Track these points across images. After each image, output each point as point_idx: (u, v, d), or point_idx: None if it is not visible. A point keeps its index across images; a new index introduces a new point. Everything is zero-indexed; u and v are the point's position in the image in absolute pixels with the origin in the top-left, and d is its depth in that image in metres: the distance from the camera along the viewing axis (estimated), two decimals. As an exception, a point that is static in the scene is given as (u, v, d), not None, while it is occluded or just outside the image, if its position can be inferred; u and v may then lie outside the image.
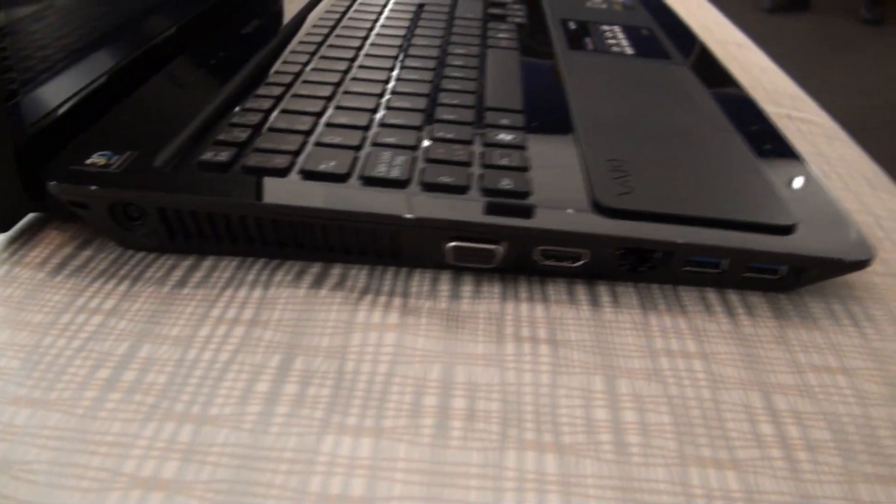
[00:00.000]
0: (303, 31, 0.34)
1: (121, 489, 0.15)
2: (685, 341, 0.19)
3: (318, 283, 0.21)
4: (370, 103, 0.26)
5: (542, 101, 0.28)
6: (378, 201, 0.20)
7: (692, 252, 0.20)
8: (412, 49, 0.32)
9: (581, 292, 0.21)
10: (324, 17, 0.36)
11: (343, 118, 0.25)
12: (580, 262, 0.21)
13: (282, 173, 0.21)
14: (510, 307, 0.20)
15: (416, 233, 0.20)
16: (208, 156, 0.22)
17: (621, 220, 0.21)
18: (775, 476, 0.16)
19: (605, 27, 0.39)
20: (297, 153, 0.23)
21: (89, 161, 0.21)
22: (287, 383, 0.17)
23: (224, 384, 0.17)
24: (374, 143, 0.24)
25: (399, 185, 0.21)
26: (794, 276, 0.21)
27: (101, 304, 0.20)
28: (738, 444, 0.16)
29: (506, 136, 0.25)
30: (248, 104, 0.25)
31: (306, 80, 0.28)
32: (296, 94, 0.27)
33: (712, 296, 0.21)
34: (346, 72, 0.29)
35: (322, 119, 0.25)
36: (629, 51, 0.35)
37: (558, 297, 0.20)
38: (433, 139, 0.24)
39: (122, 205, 0.21)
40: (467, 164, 0.23)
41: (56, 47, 0.23)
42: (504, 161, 0.23)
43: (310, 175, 0.21)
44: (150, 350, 0.18)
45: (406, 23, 0.36)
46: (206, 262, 0.22)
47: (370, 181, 0.21)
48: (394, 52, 0.32)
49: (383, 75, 0.29)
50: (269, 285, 0.21)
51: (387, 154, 0.23)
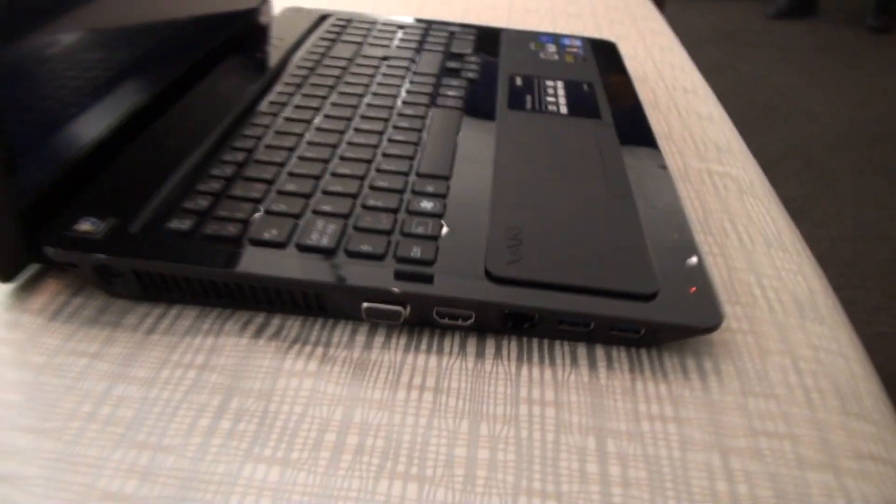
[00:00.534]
0: (273, 90, 0.39)
1: (95, 500, 0.20)
2: (546, 391, 0.24)
3: (259, 333, 0.26)
4: (317, 169, 0.31)
5: (469, 166, 0.33)
6: (307, 268, 0.25)
7: (562, 316, 0.25)
8: (366, 109, 0.37)
9: (470, 345, 0.25)
10: (294, 72, 0.41)
11: (291, 185, 0.30)
12: (470, 321, 0.25)
13: (233, 241, 0.26)
14: (410, 358, 0.25)
15: (338, 295, 0.25)
16: (174, 224, 0.27)
17: (506, 286, 0.25)
18: (584, 505, 0.20)
19: (549, 82, 0.43)
20: (247, 221, 0.27)
21: (77, 227, 0.26)
22: (223, 419, 0.22)
23: (175, 419, 0.22)
24: (314, 211, 0.28)
25: (327, 252, 0.26)
26: (652, 336, 0.26)
27: (87, 349, 0.25)
28: (565, 478, 0.21)
29: (427, 204, 0.29)
30: (213, 170, 0.30)
31: (267, 145, 0.33)
32: (256, 160, 0.31)
33: (582, 350, 0.26)
34: (303, 135, 0.34)
35: (274, 186, 0.30)
36: (563, 110, 0.39)
37: (451, 349, 0.25)
38: (364, 206, 0.29)
39: (103, 266, 0.26)
40: (389, 231, 0.27)
41: (50, 123, 0.28)
42: (419, 230, 0.27)
43: (256, 242, 0.26)
44: (123, 389, 0.23)
45: (367, 80, 0.41)
46: (173, 311, 0.27)
47: (304, 248, 0.26)
48: (349, 112, 0.37)
49: (334, 138, 0.34)
50: (220, 334, 0.26)
51: (321, 222, 0.27)
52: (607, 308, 0.25)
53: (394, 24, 0.51)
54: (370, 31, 0.49)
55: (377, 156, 0.33)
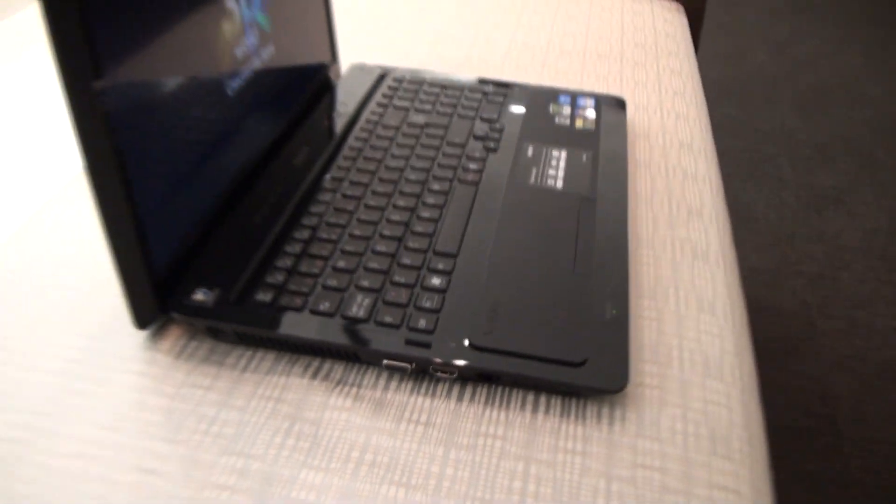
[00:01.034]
0: (335, 164, 0.51)
1: (209, 489, 0.33)
2: (498, 428, 0.36)
3: (315, 374, 0.38)
4: (361, 247, 0.43)
5: (474, 243, 0.44)
6: (348, 334, 0.37)
7: (514, 378, 0.37)
8: (405, 184, 0.49)
9: (455, 391, 0.38)
10: (353, 144, 0.53)
11: (342, 262, 0.42)
12: (455, 374, 0.37)
13: (299, 310, 0.39)
14: (412, 399, 0.37)
15: (367, 354, 0.37)
16: (259, 296, 0.40)
17: (481, 352, 0.37)
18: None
19: (555, 152, 0.54)
20: (308, 294, 0.40)
21: (194, 297, 0.39)
22: (289, 438, 0.35)
23: (259, 436, 0.35)
24: (356, 286, 0.41)
25: (363, 321, 0.38)
26: (577, 391, 0.37)
27: (202, 382, 0.38)
28: (498, 491, 0.33)
29: (436, 280, 0.41)
30: (287, 247, 0.43)
31: (327, 222, 0.45)
32: (318, 238, 0.44)
33: (530, 397, 0.37)
34: (354, 212, 0.46)
35: (329, 262, 0.42)
36: (559, 184, 0.50)
37: (440, 393, 0.37)
38: (391, 282, 0.41)
39: (215, 326, 0.39)
40: (406, 305, 0.39)
41: (170, 219, 0.40)
42: (427, 304, 0.39)
43: (314, 311, 0.39)
44: (226, 413, 0.37)
45: (408, 151, 0.52)
46: (258, 354, 0.40)
47: (346, 318, 0.39)
48: (391, 188, 0.48)
49: (377, 215, 0.46)
50: (290, 374, 0.38)
51: (360, 296, 0.40)
52: (546, 372, 0.36)
53: (438, 85, 0.62)
54: (417, 93, 0.60)
55: (407, 233, 0.45)
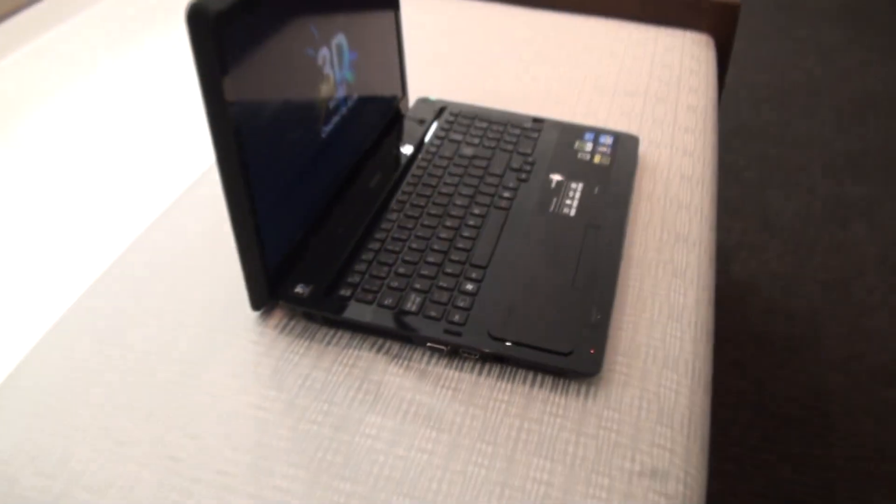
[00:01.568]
0: (400, 189, 0.66)
1: (305, 423, 0.49)
2: (504, 394, 0.51)
3: (379, 350, 0.54)
4: (417, 258, 0.58)
5: (500, 258, 0.59)
6: (404, 322, 0.53)
7: (518, 361, 0.52)
8: (452, 208, 0.64)
9: (476, 368, 0.53)
10: (415, 172, 0.68)
11: (402, 269, 0.57)
12: (477, 356, 0.52)
13: (369, 303, 0.54)
14: (445, 371, 0.52)
15: (416, 338, 0.53)
16: (342, 291, 0.55)
17: (496, 341, 0.52)
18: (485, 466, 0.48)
19: (573, 184, 0.68)
20: (377, 292, 0.55)
21: (295, 290, 0.55)
22: (360, 393, 0.51)
23: (339, 391, 0.51)
24: (412, 288, 0.56)
25: (414, 314, 0.54)
26: (568, 374, 0.52)
27: (298, 349, 0.54)
28: (500, 440, 0.48)
29: (470, 286, 0.56)
30: (363, 255, 0.58)
31: (393, 237, 0.60)
32: (385, 249, 0.59)
33: (530, 375, 0.52)
34: (412, 229, 0.61)
35: (393, 268, 0.58)
36: (573, 212, 0.64)
37: (466, 369, 0.53)
38: (437, 286, 0.56)
39: (309, 312, 0.55)
40: (446, 303, 0.55)
41: (279, 229, 0.56)
42: (461, 304, 0.55)
43: (381, 305, 0.54)
44: (316, 373, 0.53)
45: (457, 179, 0.67)
46: (339, 334, 0.55)
47: (403, 311, 0.54)
48: (441, 210, 0.63)
49: (429, 233, 0.61)
50: (361, 348, 0.54)
51: (413, 296, 0.55)
52: (542, 358, 0.51)
53: (486, 120, 0.76)
54: (469, 127, 0.75)
55: (451, 248, 0.60)
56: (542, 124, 0.76)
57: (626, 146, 0.74)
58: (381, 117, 0.72)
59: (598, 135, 0.75)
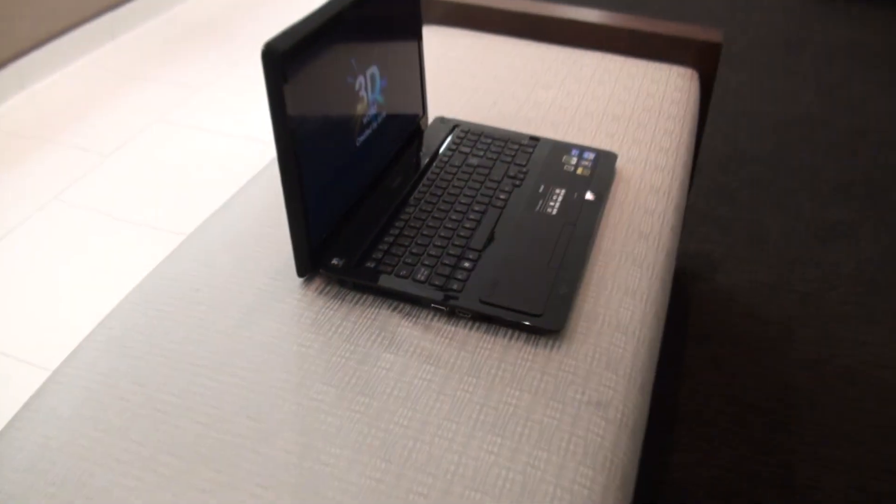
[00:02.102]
0: (418, 188, 0.82)
1: (330, 355, 0.65)
2: (488, 344, 0.66)
3: (394, 309, 0.70)
4: (427, 241, 0.74)
5: (493, 244, 0.75)
6: (415, 288, 0.69)
7: (500, 321, 0.67)
8: (458, 205, 0.80)
9: (469, 325, 0.68)
10: (430, 176, 0.84)
11: (415, 249, 0.73)
12: (469, 315, 0.68)
13: (389, 274, 0.71)
14: (445, 326, 0.68)
15: (423, 300, 0.69)
16: (368, 264, 0.72)
17: (485, 305, 0.68)
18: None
19: (558, 190, 0.83)
20: (395, 265, 0.72)
21: (332, 262, 0.72)
22: (378, 339, 0.67)
23: (361, 337, 0.67)
24: (422, 263, 0.72)
25: (422, 283, 0.70)
26: (536, 331, 0.67)
27: (333, 306, 0.70)
28: (483, 377, 0.64)
29: (467, 264, 0.72)
30: (386, 237, 0.75)
31: (409, 225, 0.77)
32: (403, 234, 0.75)
33: (509, 331, 0.68)
34: (425, 220, 0.77)
35: (409, 248, 0.74)
36: (554, 211, 0.80)
37: (461, 325, 0.68)
38: (442, 263, 0.72)
39: (341, 278, 0.71)
40: (448, 276, 0.71)
41: (321, 212, 0.73)
42: (459, 276, 0.70)
43: (398, 275, 0.71)
44: (346, 324, 0.69)
45: (463, 183, 0.83)
46: (365, 297, 0.71)
47: (415, 280, 0.70)
48: (449, 206, 0.79)
49: (438, 223, 0.77)
50: (381, 307, 0.70)
51: (423, 269, 0.71)
52: (519, 318, 0.67)
53: (490, 137, 0.92)
54: (476, 142, 0.91)
55: (455, 234, 0.76)
56: (538, 142, 0.92)
57: (605, 161, 0.89)
58: (404, 131, 0.88)
59: (582, 151, 0.91)
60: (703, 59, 1.17)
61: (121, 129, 1.77)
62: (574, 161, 0.88)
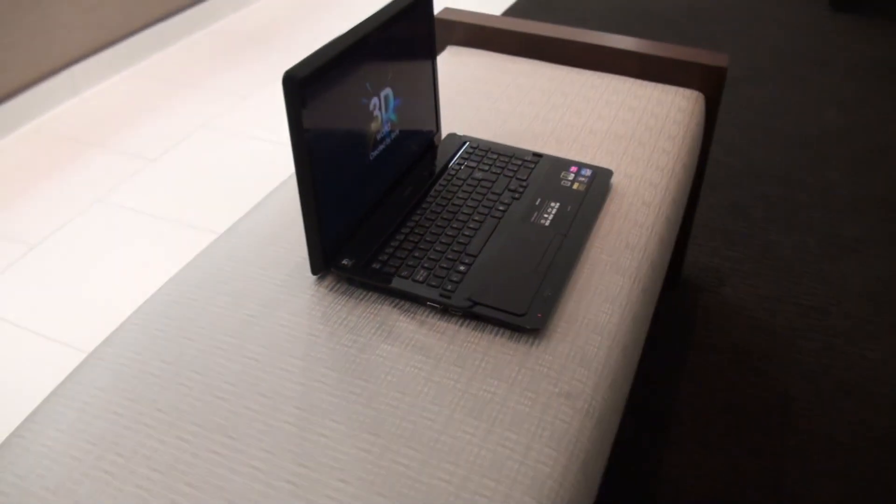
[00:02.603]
0: (427, 197, 0.91)
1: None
2: (475, 339, 0.75)
3: (395, 305, 0.79)
4: (429, 246, 0.83)
5: (487, 250, 0.83)
6: (415, 287, 0.78)
7: (487, 319, 0.75)
8: (460, 215, 0.88)
9: (459, 321, 0.77)
10: (438, 188, 0.93)
11: (417, 252, 0.82)
12: (460, 313, 0.77)
13: (392, 275, 0.79)
14: (438, 322, 0.76)
15: (420, 299, 0.77)
16: (374, 265, 0.80)
17: (475, 304, 0.76)
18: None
19: (553, 203, 0.91)
20: (398, 267, 0.80)
21: (343, 262, 0.81)
22: (378, 330, 0.76)
23: (364, 328, 0.76)
24: (421, 266, 0.81)
25: (421, 283, 0.78)
26: (519, 329, 0.75)
27: (343, 302, 0.79)
28: (467, 367, 0.72)
29: (461, 268, 0.80)
30: (392, 241, 0.83)
31: (414, 230, 0.85)
32: (408, 238, 0.84)
33: (495, 328, 0.76)
34: (428, 227, 0.86)
35: (412, 252, 0.82)
36: (547, 223, 0.88)
37: (452, 322, 0.77)
38: (440, 266, 0.80)
39: (350, 277, 0.80)
40: (443, 277, 0.79)
41: (335, 219, 0.82)
42: (454, 278, 0.79)
43: (400, 276, 0.79)
44: (351, 317, 0.77)
45: (466, 195, 0.92)
46: (370, 294, 0.80)
47: (413, 280, 0.79)
48: (452, 216, 0.88)
49: (440, 230, 0.85)
50: (383, 304, 0.79)
51: (422, 270, 0.80)
52: (505, 317, 0.75)
53: (496, 153, 1.00)
54: (483, 158, 0.99)
55: (454, 241, 0.84)
56: (540, 158, 1.00)
57: (601, 177, 0.97)
58: (418, 147, 0.97)
59: (580, 168, 0.98)
60: (708, 83, 1.23)
61: (167, 134, 1.90)
62: (571, 177, 0.96)
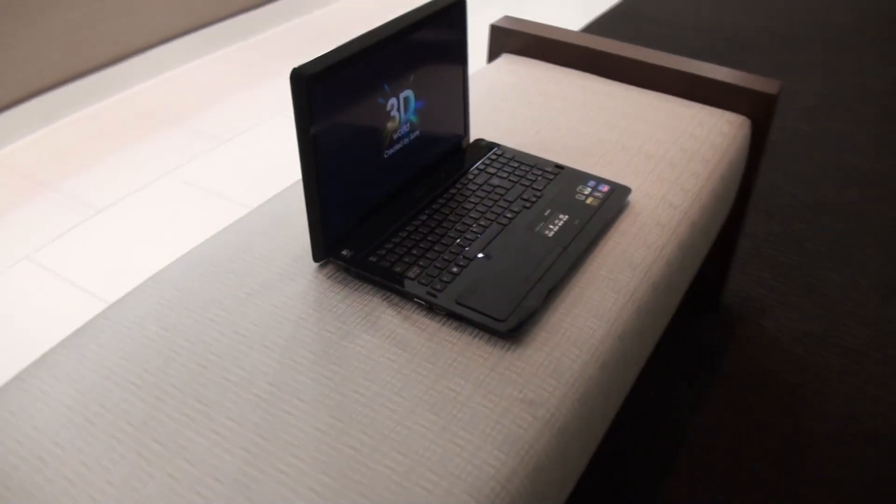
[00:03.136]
0: (443, 198, 0.93)
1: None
2: (454, 340, 0.77)
3: (385, 297, 0.82)
4: (430, 245, 0.86)
5: (484, 255, 0.85)
6: (409, 285, 0.81)
7: (470, 322, 0.78)
8: (469, 219, 0.90)
9: (443, 321, 0.79)
10: (456, 190, 0.95)
11: (415, 251, 0.85)
12: (444, 313, 0.79)
13: (388, 269, 0.83)
14: (422, 319, 0.79)
15: (413, 296, 0.80)
16: (372, 259, 0.84)
17: (460, 306, 0.79)
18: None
19: (561, 215, 0.92)
20: (396, 262, 0.84)
21: (343, 252, 0.85)
22: (365, 320, 0.79)
23: (353, 316, 0.80)
24: (418, 264, 0.84)
25: (412, 280, 0.81)
26: (495, 333, 0.77)
27: (340, 291, 0.83)
28: (439, 366, 0.75)
29: (455, 269, 0.83)
30: (394, 238, 0.87)
31: (419, 229, 0.88)
32: (411, 237, 0.87)
33: (475, 330, 0.78)
34: (433, 228, 0.89)
35: (412, 250, 0.85)
36: (551, 234, 0.89)
37: (436, 320, 0.79)
38: (436, 266, 0.83)
39: (347, 268, 0.84)
40: (435, 277, 0.82)
41: (339, 213, 0.86)
42: (445, 279, 0.81)
43: (394, 271, 0.83)
44: (348, 302, 0.81)
45: (480, 200, 0.94)
46: (364, 284, 0.84)
47: (406, 277, 0.82)
48: (460, 218, 0.90)
49: (445, 231, 0.88)
50: (374, 295, 0.82)
51: (416, 268, 0.83)
52: (485, 321, 0.77)
53: (518, 161, 1.02)
54: (505, 165, 1.01)
55: (454, 243, 0.87)
56: (561, 170, 1.01)
57: (618, 194, 0.97)
58: (441, 149, 1.00)
59: (598, 183, 0.99)
60: (756, 109, 1.21)
61: (242, 118, 1.99)
62: (587, 191, 0.97)
